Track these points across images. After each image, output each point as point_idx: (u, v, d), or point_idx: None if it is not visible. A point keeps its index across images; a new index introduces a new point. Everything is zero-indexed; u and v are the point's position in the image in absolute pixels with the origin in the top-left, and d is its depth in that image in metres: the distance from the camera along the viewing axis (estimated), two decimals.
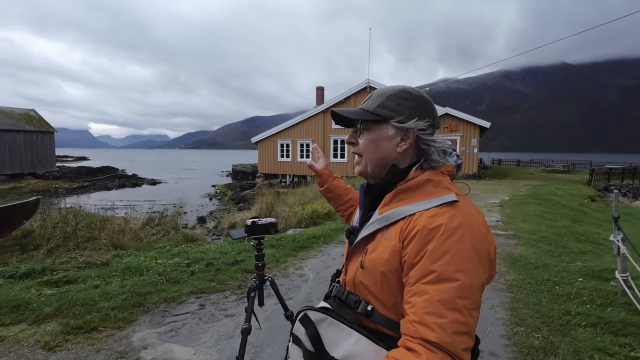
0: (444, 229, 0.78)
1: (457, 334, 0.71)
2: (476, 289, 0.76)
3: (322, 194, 1.46)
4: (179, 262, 4.48)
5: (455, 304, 0.73)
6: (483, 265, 0.79)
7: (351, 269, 0.97)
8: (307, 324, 0.93)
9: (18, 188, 23.07)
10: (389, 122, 0.93)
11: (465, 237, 0.78)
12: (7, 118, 27.96)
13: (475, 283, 0.76)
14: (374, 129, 0.95)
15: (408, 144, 0.94)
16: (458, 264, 0.76)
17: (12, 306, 3.10)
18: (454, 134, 20.53)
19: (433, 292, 0.74)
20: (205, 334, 2.86)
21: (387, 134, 0.94)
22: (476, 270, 0.77)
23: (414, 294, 0.77)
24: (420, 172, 0.91)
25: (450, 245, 0.77)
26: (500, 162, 39.31)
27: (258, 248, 1.54)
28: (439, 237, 0.78)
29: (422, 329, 0.72)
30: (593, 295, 3.52)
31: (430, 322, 0.72)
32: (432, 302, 0.73)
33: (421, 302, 0.74)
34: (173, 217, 8.64)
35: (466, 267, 0.76)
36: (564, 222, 8.09)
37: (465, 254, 0.77)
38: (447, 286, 0.74)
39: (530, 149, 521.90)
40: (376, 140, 0.94)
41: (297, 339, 0.96)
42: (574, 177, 22.27)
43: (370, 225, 0.93)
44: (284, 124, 25.93)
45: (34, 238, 5.88)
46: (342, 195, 1.44)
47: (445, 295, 0.73)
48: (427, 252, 0.78)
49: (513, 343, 2.76)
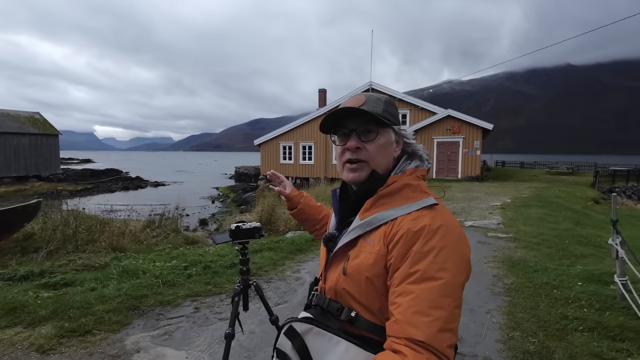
0: (427, 230, 0.81)
1: (442, 331, 0.72)
2: (458, 287, 0.79)
3: (295, 216, 1.42)
4: (176, 265, 4.49)
5: (439, 302, 0.74)
6: (464, 264, 0.82)
7: (332, 277, 0.96)
8: (294, 337, 0.91)
9: (22, 190, 23.26)
10: (392, 128, 0.97)
11: (446, 237, 0.81)
12: (13, 121, 28.27)
13: (457, 281, 0.78)
14: (382, 133, 0.95)
15: (400, 148, 0.98)
16: (441, 262, 0.78)
17: (9, 309, 3.12)
18: (457, 136, 20.45)
19: (418, 291, 0.75)
20: (198, 337, 2.86)
21: (391, 139, 0.97)
22: (457, 268, 0.79)
23: (399, 295, 0.78)
24: (398, 177, 0.93)
25: (433, 245, 0.79)
26: (504, 164, 39.08)
27: (242, 252, 1.54)
28: (422, 238, 0.80)
29: (408, 328, 0.73)
30: (592, 300, 3.49)
31: (416, 321, 0.73)
32: (417, 300, 0.74)
33: (407, 302, 0.75)
34: (173, 220, 8.65)
35: (449, 266, 0.78)
36: (566, 224, 8.01)
37: (447, 253, 0.79)
38: (431, 285, 0.75)
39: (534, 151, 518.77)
40: (385, 145, 0.96)
41: (282, 354, 0.92)
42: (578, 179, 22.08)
43: (352, 231, 0.93)
44: (287, 126, 26.00)
45: (35, 240, 5.92)
46: (315, 214, 1.41)
47: (430, 294, 0.75)
48: (412, 254, 0.80)
49: (508, 348, 2.73)
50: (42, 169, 28.99)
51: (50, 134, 29.96)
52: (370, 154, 0.94)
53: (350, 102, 0.96)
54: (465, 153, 20.33)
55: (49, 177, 29.00)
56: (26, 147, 27.96)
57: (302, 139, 25.13)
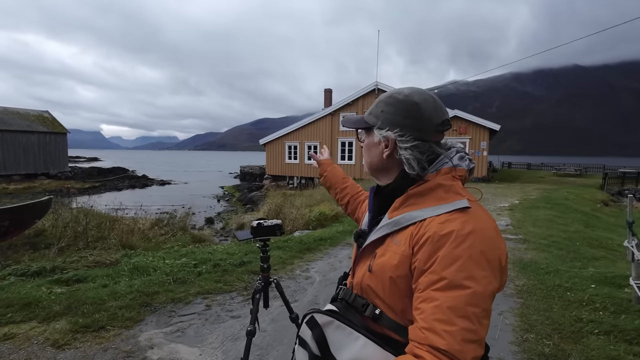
0: (455, 235, 0.77)
1: (466, 342, 0.70)
2: (487, 297, 0.75)
3: (322, 183, 1.52)
4: (186, 263, 4.51)
5: (465, 312, 0.72)
6: (494, 273, 0.78)
7: (359, 272, 0.96)
8: (314, 327, 0.93)
9: (32, 188, 23.53)
10: (373, 129, 0.97)
11: (476, 244, 0.77)
12: (22, 119, 28.61)
13: (486, 291, 0.75)
14: (367, 135, 1.01)
15: (390, 150, 0.94)
16: (469, 271, 0.74)
17: (24, 304, 3.15)
18: (463, 137, 20.35)
19: (443, 298, 0.73)
20: (211, 334, 2.87)
21: (374, 140, 0.97)
22: (487, 277, 0.76)
23: (423, 300, 0.76)
24: (432, 176, 0.89)
25: (461, 252, 0.76)
26: (511, 165, 38.78)
27: (263, 250, 1.54)
28: (450, 243, 0.77)
29: (430, 336, 0.71)
30: (606, 302, 3.44)
31: (439, 329, 0.71)
32: (442, 308, 0.72)
33: (430, 309, 0.73)
34: (181, 218, 8.70)
35: (477, 275, 0.75)
36: (575, 226, 7.93)
37: (476, 261, 0.75)
38: (458, 293, 0.73)
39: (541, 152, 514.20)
40: (369, 146, 1.00)
41: (303, 342, 0.96)
42: (586, 181, 21.84)
43: (380, 229, 0.92)
44: (292, 126, 26.02)
45: (46, 237, 5.98)
46: (338, 183, 1.48)
47: (455, 303, 0.72)
48: (438, 259, 0.77)
49: (523, 350, 2.70)
50: (50, 167, 29.29)
51: (58, 132, 30.27)
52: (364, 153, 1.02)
53: None
54: (472, 154, 20.22)
55: (57, 174, 29.29)
56: (35, 145, 28.28)
57: (308, 138, 25.13)
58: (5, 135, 26.49)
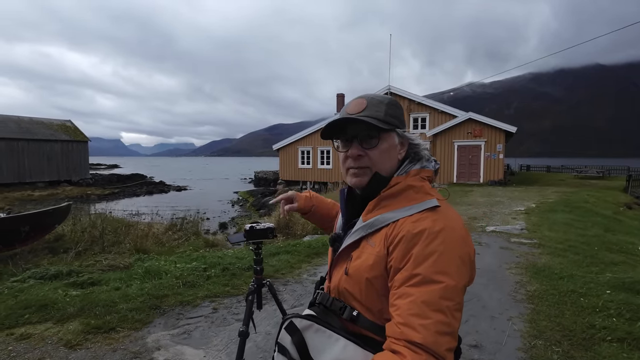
0: (427, 233, 0.80)
1: (440, 334, 0.72)
2: (459, 290, 0.78)
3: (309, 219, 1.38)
4: (196, 267, 4.60)
5: (439, 305, 0.74)
6: (465, 267, 0.81)
7: (336, 276, 0.98)
8: (293, 332, 0.94)
9: (55, 194, 24.48)
10: (395, 131, 0.95)
11: (447, 241, 0.80)
12: (46, 128, 29.86)
13: (458, 285, 0.78)
14: (385, 138, 0.93)
15: (405, 150, 0.97)
16: (441, 266, 0.77)
17: (40, 305, 3.29)
18: (478, 140, 19.98)
19: (417, 294, 0.76)
20: (216, 337, 2.92)
21: (394, 142, 0.95)
22: (459, 272, 0.79)
23: (399, 297, 0.78)
24: (402, 178, 0.92)
25: (433, 249, 0.79)
26: (529, 168, 37.82)
27: (256, 252, 1.58)
28: (422, 241, 0.80)
29: (406, 330, 0.73)
30: (621, 309, 3.31)
31: (414, 324, 0.73)
32: (417, 303, 0.75)
33: (406, 304, 0.76)
34: (194, 223, 8.87)
35: (449, 270, 0.78)
36: (595, 230, 7.66)
37: (448, 256, 0.79)
38: (431, 288, 0.76)
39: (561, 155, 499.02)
40: (388, 149, 0.94)
41: (282, 348, 0.96)
42: (609, 183, 21.07)
43: (355, 232, 0.94)
44: (305, 131, 26.17)
45: (65, 242, 6.21)
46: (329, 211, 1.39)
47: (430, 297, 0.75)
48: (412, 256, 0.79)
49: (530, 357, 2.64)
50: (72, 174, 30.39)
51: (80, 140, 31.43)
52: (373, 160, 0.92)
53: (351, 106, 0.94)
54: (487, 157, 19.81)
55: (79, 181, 30.35)
56: (58, 154, 29.44)
57: (321, 143, 25.22)
58: (31, 144, 27.69)
